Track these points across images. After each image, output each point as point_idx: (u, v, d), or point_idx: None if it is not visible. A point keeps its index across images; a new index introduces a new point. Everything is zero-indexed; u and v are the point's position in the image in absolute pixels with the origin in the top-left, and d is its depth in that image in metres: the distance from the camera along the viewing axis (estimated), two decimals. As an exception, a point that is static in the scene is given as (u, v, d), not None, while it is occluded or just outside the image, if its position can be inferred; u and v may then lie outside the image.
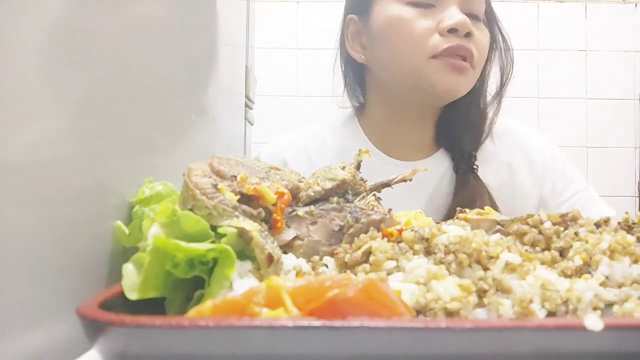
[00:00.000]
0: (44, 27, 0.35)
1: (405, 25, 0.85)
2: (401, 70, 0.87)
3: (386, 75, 0.91)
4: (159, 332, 0.27)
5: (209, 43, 0.62)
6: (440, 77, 0.84)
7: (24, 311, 0.34)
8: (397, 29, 0.86)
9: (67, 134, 0.37)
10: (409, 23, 0.85)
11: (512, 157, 0.96)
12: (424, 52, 0.83)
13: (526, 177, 0.95)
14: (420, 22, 0.84)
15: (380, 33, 0.88)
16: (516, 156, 0.96)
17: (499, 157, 0.95)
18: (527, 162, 0.96)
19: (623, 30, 1.89)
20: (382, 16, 0.88)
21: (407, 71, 0.86)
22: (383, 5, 0.88)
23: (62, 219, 0.37)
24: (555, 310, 0.32)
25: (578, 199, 0.95)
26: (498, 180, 0.93)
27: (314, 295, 0.29)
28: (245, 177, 0.39)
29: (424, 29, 0.84)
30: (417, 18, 0.85)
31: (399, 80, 0.89)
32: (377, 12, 0.89)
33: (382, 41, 0.88)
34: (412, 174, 0.52)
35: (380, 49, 0.89)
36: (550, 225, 0.40)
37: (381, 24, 0.88)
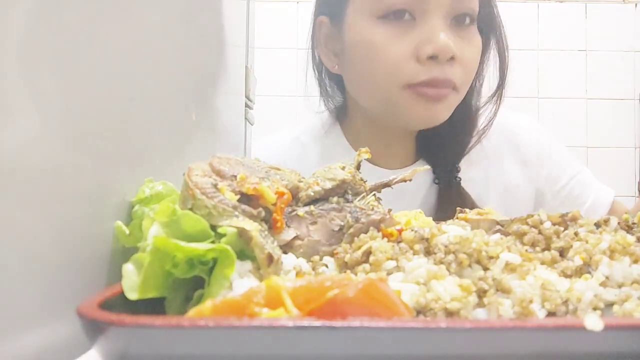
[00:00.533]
0: (45, 27, 0.35)
1: (377, 52, 0.73)
2: (372, 98, 0.79)
3: (358, 97, 0.83)
4: (159, 332, 0.27)
5: (209, 43, 0.62)
6: (416, 108, 0.74)
7: (24, 311, 0.34)
8: (368, 55, 0.74)
9: (67, 134, 0.37)
10: (381, 49, 0.73)
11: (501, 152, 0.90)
12: (398, 81, 0.73)
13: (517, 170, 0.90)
14: (394, 47, 0.72)
15: (352, 53, 0.78)
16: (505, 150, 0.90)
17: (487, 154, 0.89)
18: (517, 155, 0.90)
19: (623, 30, 1.89)
20: (355, 34, 0.76)
21: (378, 100, 0.77)
22: (355, 18, 0.76)
23: (62, 219, 0.37)
24: (555, 310, 0.32)
25: (576, 183, 0.91)
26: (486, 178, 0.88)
27: (314, 295, 0.29)
28: (245, 176, 0.39)
29: (398, 56, 0.72)
30: (391, 41, 0.73)
31: (371, 106, 0.81)
32: (349, 25, 0.77)
33: (352, 63, 0.78)
34: (412, 174, 0.52)
35: (351, 69, 0.80)
36: (550, 225, 0.40)
37: (353, 44, 0.77)
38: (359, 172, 0.47)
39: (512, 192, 0.89)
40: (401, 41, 0.73)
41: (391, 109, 0.77)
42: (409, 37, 0.73)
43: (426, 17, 0.73)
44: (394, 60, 0.73)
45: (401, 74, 0.73)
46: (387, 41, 0.73)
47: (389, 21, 0.73)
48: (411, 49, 0.72)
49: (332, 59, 0.83)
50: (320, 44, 0.84)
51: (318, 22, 0.84)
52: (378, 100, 0.78)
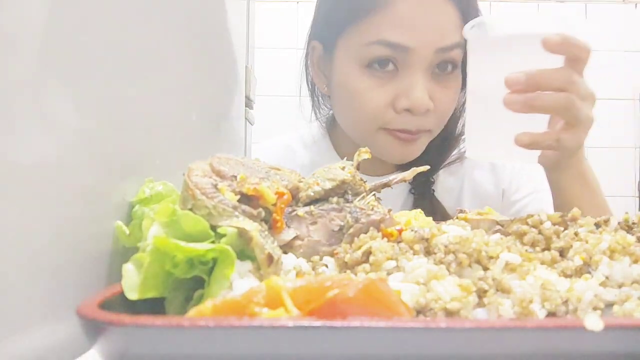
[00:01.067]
0: (44, 27, 0.35)
1: (359, 99, 0.79)
2: (353, 135, 0.86)
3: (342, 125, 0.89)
4: (159, 332, 0.27)
5: (209, 43, 0.62)
6: (389, 148, 0.81)
7: (24, 311, 0.34)
8: (351, 99, 0.81)
9: (67, 134, 0.37)
10: (363, 97, 0.79)
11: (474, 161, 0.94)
12: (374, 125, 0.80)
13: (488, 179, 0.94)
14: (375, 96, 0.78)
15: (337, 92, 0.85)
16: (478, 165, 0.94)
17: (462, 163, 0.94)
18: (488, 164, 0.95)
19: (623, 30, 1.89)
20: (341, 77, 0.82)
21: (358, 138, 0.84)
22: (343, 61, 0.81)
23: (62, 219, 0.37)
24: (555, 310, 0.32)
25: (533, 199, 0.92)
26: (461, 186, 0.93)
27: (314, 295, 0.29)
28: (245, 177, 0.39)
29: (377, 105, 0.78)
30: (372, 90, 0.78)
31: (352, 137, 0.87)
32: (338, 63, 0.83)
33: (337, 100, 0.86)
34: (411, 173, 0.52)
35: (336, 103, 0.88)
36: (550, 225, 0.40)
37: (338, 84, 0.83)
38: (358, 173, 0.47)
39: (483, 200, 0.93)
40: (381, 90, 0.78)
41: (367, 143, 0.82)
42: (389, 87, 0.78)
43: (408, 69, 0.77)
44: (372, 108, 0.79)
45: (378, 119, 0.80)
46: (368, 90, 0.79)
47: (373, 70, 0.78)
48: (390, 98, 0.78)
49: (322, 79, 0.90)
50: (312, 64, 0.91)
51: (311, 46, 0.90)
52: (358, 138, 0.85)
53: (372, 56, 0.77)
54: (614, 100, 1.88)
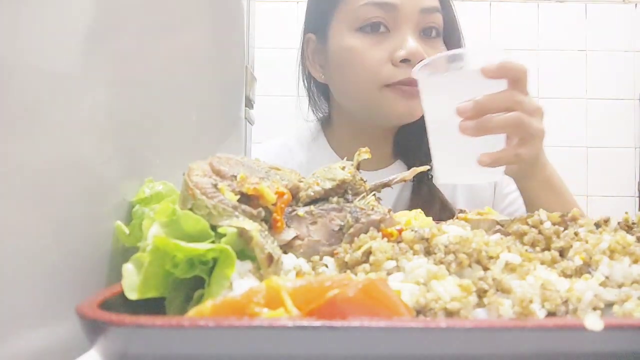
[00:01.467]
0: (45, 28, 0.35)
1: (357, 57, 0.85)
2: (356, 99, 0.89)
3: (343, 100, 0.93)
4: (159, 332, 0.27)
5: (209, 43, 0.62)
6: (394, 104, 0.85)
7: (24, 311, 0.34)
8: (349, 60, 0.86)
9: (67, 134, 0.37)
10: (360, 55, 0.84)
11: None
12: (377, 82, 0.84)
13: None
14: (372, 53, 0.84)
15: (335, 62, 0.89)
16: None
17: None
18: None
19: (623, 30, 1.89)
20: (337, 45, 0.88)
21: (361, 100, 0.88)
22: (337, 32, 0.88)
23: (62, 218, 0.37)
24: (555, 310, 0.32)
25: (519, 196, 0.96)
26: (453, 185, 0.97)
27: (314, 295, 0.29)
28: (245, 176, 0.39)
29: (376, 60, 0.84)
30: (369, 48, 0.84)
31: (355, 107, 0.91)
32: (332, 38, 0.89)
33: (336, 69, 0.90)
34: (411, 173, 0.52)
35: (336, 76, 0.91)
36: (550, 225, 0.40)
37: (336, 53, 0.89)
38: (359, 172, 0.47)
39: (477, 194, 0.98)
40: (377, 48, 0.84)
41: (373, 107, 0.88)
42: (384, 45, 0.84)
43: (398, 28, 0.84)
44: (371, 64, 0.84)
45: (379, 75, 0.84)
46: (365, 48, 0.85)
47: (366, 32, 0.85)
48: (387, 54, 0.84)
49: (318, 69, 0.95)
50: (308, 58, 0.97)
51: (306, 39, 0.96)
52: (361, 101, 0.89)
53: (364, 18, 0.84)
54: (614, 101, 1.88)
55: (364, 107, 0.89)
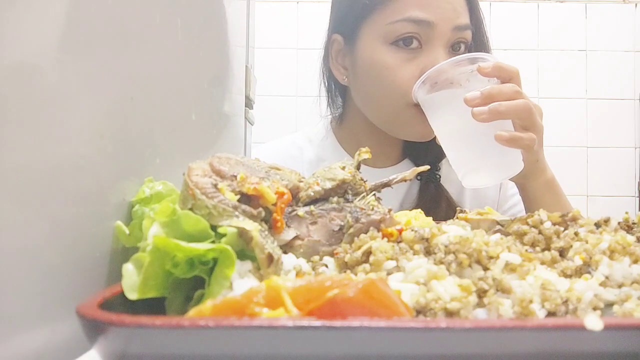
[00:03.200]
0: (44, 25, 0.35)
1: (389, 73, 0.84)
2: (380, 113, 0.89)
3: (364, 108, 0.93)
4: (159, 332, 0.27)
5: (208, 43, 0.62)
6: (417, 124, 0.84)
7: (24, 311, 0.34)
8: (379, 75, 0.85)
9: (67, 134, 0.37)
10: (392, 72, 0.84)
11: None
12: (405, 100, 0.83)
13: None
14: (404, 70, 0.83)
15: (363, 72, 0.88)
16: None
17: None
18: None
19: (623, 30, 1.89)
20: (367, 56, 0.87)
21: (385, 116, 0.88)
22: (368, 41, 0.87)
23: (62, 218, 0.37)
24: (555, 310, 0.32)
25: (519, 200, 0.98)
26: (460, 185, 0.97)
27: (314, 295, 0.29)
28: (245, 176, 0.39)
29: (406, 79, 0.82)
30: (401, 65, 0.83)
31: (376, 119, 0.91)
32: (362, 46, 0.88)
33: (364, 81, 0.88)
34: (412, 173, 0.52)
35: (362, 85, 0.90)
36: (550, 225, 0.40)
37: (365, 64, 0.87)
38: (359, 172, 0.47)
39: (483, 195, 0.99)
40: (409, 65, 0.83)
41: (394, 124, 0.88)
42: (415, 62, 0.84)
43: (430, 44, 0.84)
44: (402, 82, 0.83)
45: (407, 93, 0.82)
46: (397, 65, 0.84)
47: (399, 47, 0.84)
48: (418, 72, 0.82)
49: (342, 71, 0.94)
50: (332, 58, 0.95)
51: (332, 39, 0.94)
52: (384, 116, 0.89)
53: (399, 33, 0.83)
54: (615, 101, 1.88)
55: (385, 121, 0.89)
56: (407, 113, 0.84)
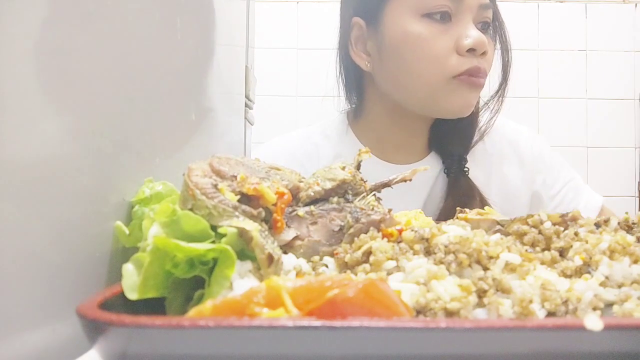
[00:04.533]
0: (44, 26, 0.35)
1: (425, 45, 0.81)
2: (417, 90, 0.85)
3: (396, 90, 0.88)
4: (159, 332, 0.27)
5: (208, 43, 0.62)
6: (459, 96, 0.83)
7: (24, 311, 0.34)
8: (414, 48, 0.82)
9: (67, 134, 0.37)
10: (428, 42, 0.81)
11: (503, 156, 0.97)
12: (444, 73, 0.82)
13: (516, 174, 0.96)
14: (439, 42, 0.81)
15: (395, 49, 0.84)
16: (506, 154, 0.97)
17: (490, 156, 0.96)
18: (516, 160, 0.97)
19: (623, 30, 1.89)
20: (397, 31, 0.83)
21: (424, 91, 0.84)
22: (397, 17, 0.84)
23: (62, 218, 0.37)
24: (555, 310, 0.32)
25: (570, 189, 0.97)
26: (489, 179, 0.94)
27: (314, 295, 0.29)
28: (245, 177, 0.39)
29: (443, 49, 0.81)
30: (435, 36, 0.81)
31: (412, 98, 0.87)
32: (390, 23, 0.84)
33: (396, 58, 0.85)
34: (412, 174, 0.52)
35: (393, 64, 0.86)
36: (550, 225, 0.40)
37: (396, 39, 0.84)
38: (359, 172, 0.47)
39: (511, 193, 0.95)
40: (444, 37, 0.82)
41: (434, 99, 0.85)
42: (449, 34, 0.82)
43: (461, 19, 0.83)
44: (438, 53, 0.82)
45: (446, 65, 0.82)
46: (431, 36, 0.82)
47: (433, 20, 0.82)
48: (452, 43, 0.82)
49: (363, 57, 0.89)
50: (352, 44, 0.90)
51: (353, 23, 0.90)
52: (421, 92, 0.85)
53: (433, 4, 0.81)
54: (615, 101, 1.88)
55: (422, 99, 0.85)
56: (447, 87, 0.82)
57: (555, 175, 0.98)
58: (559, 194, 0.97)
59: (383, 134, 0.94)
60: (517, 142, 0.98)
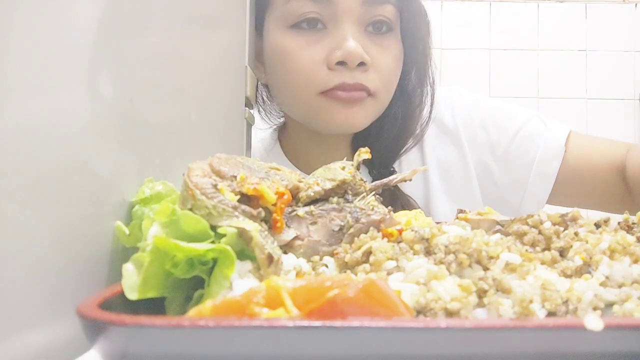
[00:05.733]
0: (45, 25, 0.35)
1: (290, 59, 0.75)
2: (293, 105, 0.81)
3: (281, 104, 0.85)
4: (159, 332, 0.27)
5: (208, 43, 0.62)
6: (332, 113, 0.75)
7: (24, 311, 0.34)
8: (283, 62, 0.76)
9: (67, 134, 0.37)
10: (293, 56, 0.75)
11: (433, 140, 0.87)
12: (312, 87, 0.75)
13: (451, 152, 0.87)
14: (306, 54, 0.74)
15: (270, 62, 0.80)
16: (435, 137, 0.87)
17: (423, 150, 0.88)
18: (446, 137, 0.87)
19: (623, 30, 1.89)
20: (271, 43, 0.78)
21: (298, 107, 0.79)
22: (271, 29, 0.78)
23: (62, 218, 0.37)
24: (555, 310, 0.32)
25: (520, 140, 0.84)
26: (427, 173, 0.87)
27: (314, 295, 0.29)
28: (245, 177, 0.39)
29: (309, 63, 0.74)
30: (302, 48, 0.74)
31: (294, 113, 0.83)
32: (267, 35, 0.79)
33: (272, 71, 0.80)
34: (412, 174, 0.52)
35: (271, 78, 0.82)
36: (550, 225, 0.40)
37: (270, 53, 0.79)
38: (359, 173, 0.47)
39: (451, 175, 0.87)
40: (313, 48, 0.75)
41: (310, 114, 0.79)
42: (320, 44, 0.75)
43: (337, 24, 0.74)
44: (306, 67, 0.75)
45: (314, 80, 0.75)
46: (299, 49, 0.75)
47: (301, 30, 0.75)
48: (323, 55, 0.74)
49: (260, 69, 0.84)
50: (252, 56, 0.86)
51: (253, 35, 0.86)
52: (297, 107, 0.80)
53: (297, 13, 0.74)
54: (615, 101, 1.89)
55: (302, 114, 0.81)
56: (317, 102, 0.75)
57: (496, 133, 0.85)
58: (508, 152, 0.84)
59: (305, 148, 0.88)
60: (439, 119, 0.88)
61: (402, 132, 0.85)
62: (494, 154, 0.85)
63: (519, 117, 0.86)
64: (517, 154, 0.85)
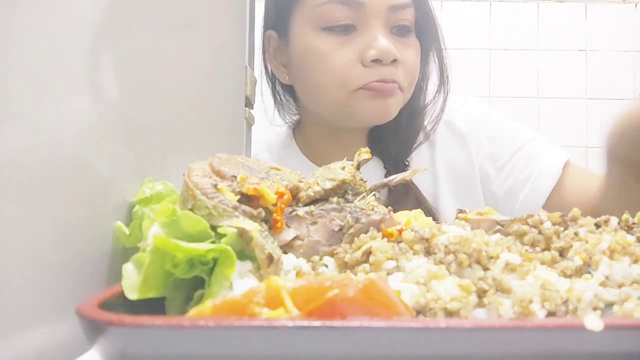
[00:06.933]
0: (46, 25, 0.35)
1: (324, 59, 0.79)
2: (324, 103, 0.83)
3: (310, 103, 0.87)
4: (159, 332, 0.27)
5: (209, 43, 0.62)
6: (367, 106, 0.80)
7: (24, 311, 0.34)
8: (315, 62, 0.80)
9: (67, 134, 0.37)
10: (327, 56, 0.78)
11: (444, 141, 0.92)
12: (346, 86, 0.79)
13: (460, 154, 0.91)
14: (339, 54, 0.78)
15: (300, 62, 0.83)
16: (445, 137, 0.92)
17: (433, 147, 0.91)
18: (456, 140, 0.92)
19: (623, 30, 1.89)
20: (301, 44, 0.81)
21: (330, 104, 0.83)
22: (300, 30, 0.81)
23: (62, 218, 0.37)
24: (555, 310, 0.32)
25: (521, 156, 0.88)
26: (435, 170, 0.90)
27: (314, 295, 0.29)
28: (245, 177, 0.39)
29: (344, 62, 0.78)
30: (335, 48, 0.78)
31: (324, 110, 0.85)
32: (294, 36, 0.83)
33: (302, 71, 0.84)
34: (412, 174, 0.52)
35: (301, 78, 0.85)
36: (550, 225, 0.40)
37: (300, 53, 0.82)
38: (359, 172, 0.47)
39: (458, 176, 0.90)
40: (346, 48, 0.79)
41: (344, 111, 0.82)
42: (352, 44, 0.79)
43: (367, 27, 0.79)
44: (340, 66, 0.79)
45: (349, 78, 0.79)
46: (332, 49, 0.79)
47: (333, 32, 0.79)
48: (356, 55, 0.79)
49: (282, 70, 0.88)
50: (270, 56, 0.90)
51: (267, 36, 0.89)
52: (330, 105, 0.83)
53: (330, 17, 0.78)
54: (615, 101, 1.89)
55: (334, 111, 0.84)
56: (352, 98, 0.79)
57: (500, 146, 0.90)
58: (508, 164, 0.88)
59: (322, 144, 0.92)
60: (452, 122, 0.92)
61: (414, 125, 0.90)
62: (495, 165, 0.89)
63: (525, 136, 0.90)
64: (516, 169, 0.88)
